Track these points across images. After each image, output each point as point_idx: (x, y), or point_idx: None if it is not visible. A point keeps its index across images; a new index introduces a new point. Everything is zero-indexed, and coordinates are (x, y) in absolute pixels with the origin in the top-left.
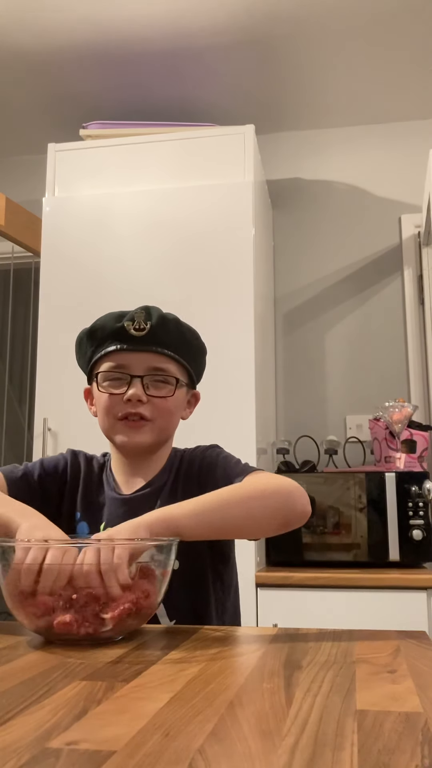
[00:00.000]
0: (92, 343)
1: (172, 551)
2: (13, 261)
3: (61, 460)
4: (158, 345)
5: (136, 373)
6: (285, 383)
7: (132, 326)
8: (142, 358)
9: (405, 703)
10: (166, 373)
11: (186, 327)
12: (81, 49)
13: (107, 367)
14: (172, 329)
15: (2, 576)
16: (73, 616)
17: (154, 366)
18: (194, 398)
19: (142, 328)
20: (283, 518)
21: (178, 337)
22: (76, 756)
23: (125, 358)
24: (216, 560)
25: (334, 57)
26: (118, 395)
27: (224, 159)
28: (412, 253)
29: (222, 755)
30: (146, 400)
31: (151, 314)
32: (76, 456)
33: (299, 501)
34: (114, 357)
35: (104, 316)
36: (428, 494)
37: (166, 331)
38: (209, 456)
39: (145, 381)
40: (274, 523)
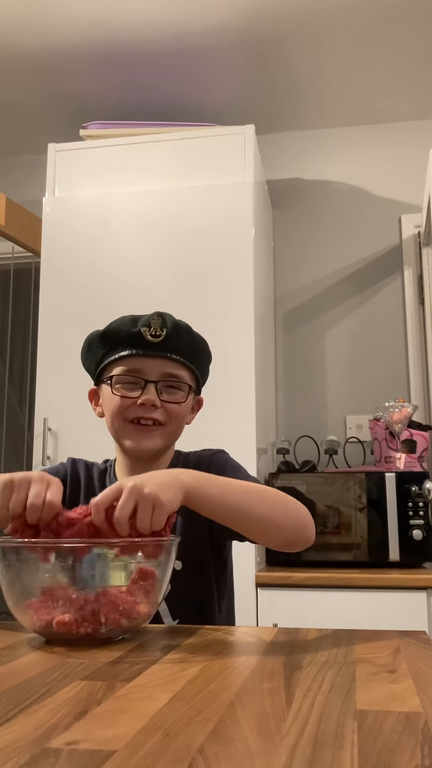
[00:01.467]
0: (104, 346)
1: (173, 551)
2: (13, 261)
3: (61, 470)
4: (173, 351)
5: (151, 378)
6: (285, 383)
7: (149, 332)
8: (157, 364)
9: (405, 703)
10: (180, 379)
11: (197, 335)
12: (81, 49)
13: (121, 371)
14: (185, 337)
15: (2, 576)
16: (72, 616)
17: (168, 372)
18: (198, 404)
19: (158, 334)
20: (292, 535)
21: (190, 345)
22: (76, 756)
23: (140, 362)
24: (217, 563)
25: (334, 57)
26: (132, 398)
27: (224, 159)
28: (412, 253)
29: (222, 755)
30: (160, 405)
31: (166, 321)
32: (76, 464)
33: (309, 527)
34: (129, 361)
35: (118, 320)
36: (428, 494)
37: (180, 339)
38: (217, 460)
39: (159, 386)
40: (284, 536)
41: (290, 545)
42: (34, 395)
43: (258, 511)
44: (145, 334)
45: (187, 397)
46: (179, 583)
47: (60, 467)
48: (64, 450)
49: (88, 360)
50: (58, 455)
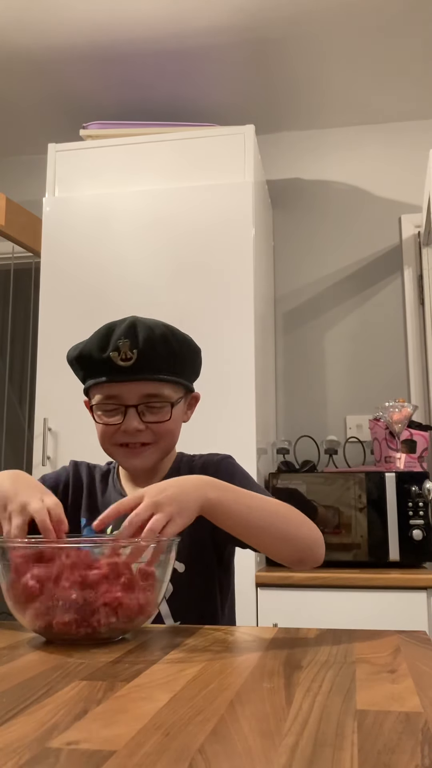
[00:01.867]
0: (82, 368)
1: (173, 550)
2: (13, 261)
3: (63, 473)
4: (149, 371)
5: (130, 402)
6: (285, 383)
7: (118, 357)
8: (134, 388)
9: (405, 703)
10: (161, 398)
11: (175, 339)
12: (81, 49)
13: (99, 399)
14: (160, 350)
15: (2, 576)
16: (72, 617)
17: (146, 393)
18: (194, 400)
19: (129, 357)
20: (303, 554)
21: (168, 356)
22: (76, 756)
23: (116, 388)
24: (220, 566)
25: (334, 57)
26: (114, 425)
27: (224, 159)
28: (412, 253)
29: (222, 755)
30: (144, 428)
31: (137, 337)
32: (78, 467)
33: (320, 546)
34: (105, 388)
35: (89, 341)
36: (428, 494)
37: (155, 354)
38: (225, 467)
39: (140, 409)
40: (295, 554)
41: (300, 563)
42: (34, 395)
43: (275, 528)
44: (115, 360)
45: (173, 411)
46: (182, 585)
47: (62, 472)
48: (64, 450)
49: (75, 375)
50: (58, 455)
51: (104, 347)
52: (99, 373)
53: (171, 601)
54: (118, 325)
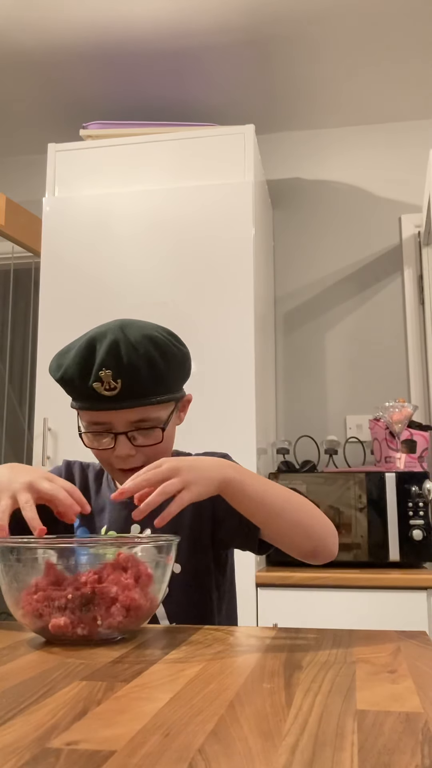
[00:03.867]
0: (66, 388)
1: (172, 550)
2: (13, 261)
3: (55, 473)
4: (135, 398)
5: (119, 429)
6: (285, 383)
7: (102, 388)
8: (121, 415)
9: (405, 703)
10: (152, 422)
11: (161, 356)
12: (81, 49)
13: (87, 423)
14: (144, 374)
15: (2, 576)
16: (67, 618)
17: (135, 420)
18: (186, 402)
19: (113, 387)
20: (316, 546)
21: (154, 379)
22: (76, 756)
23: (103, 416)
24: (218, 568)
25: (334, 57)
26: (107, 450)
27: (224, 159)
28: (412, 253)
29: (222, 755)
30: (135, 453)
31: (120, 364)
32: (71, 466)
33: (336, 540)
34: (91, 415)
35: (71, 362)
36: (428, 494)
37: (140, 379)
38: None
39: (131, 434)
40: (309, 544)
41: (314, 555)
42: (34, 395)
43: (291, 514)
44: (99, 390)
45: (164, 433)
46: (177, 586)
47: (55, 471)
48: (64, 450)
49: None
50: (58, 455)
51: (85, 376)
52: (83, 400)
53: (166, 602)
54: (98, 342)
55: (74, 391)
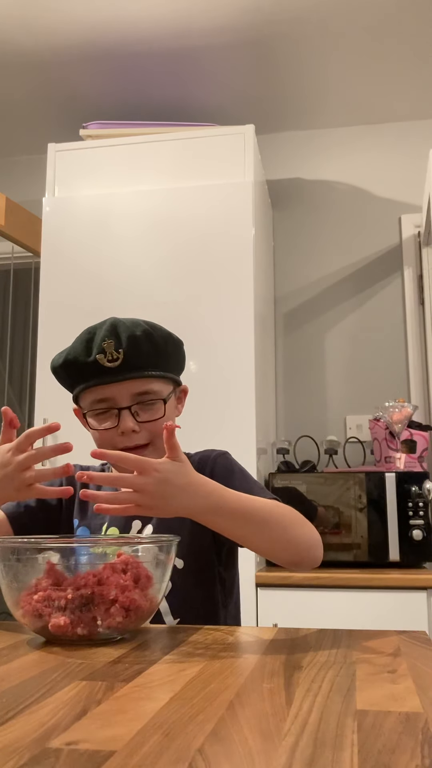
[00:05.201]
0: (69, 377)
1: (172, 550)
2: (13, 261)
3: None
4: (137, 370)
5: (122, 404)
6: (285, 383)
7: (105, 359)
8: (124, 387)
9: (405, 703)
10: (153, 395)
11: (157, 335)
12: (81, 49)
13: (90, 403)
14: (145, 347)
15: (2, 576)
16: (67, 618)
17: (138, 392)
18: (183, 393)
19: (115, 358)
20: (299, 557)
21: (153, 353)
22: (76, 756)
23: (107, 391)
24: (221, 561)
25: (334, 57)
26: (111, 429)
27: (224, 159)
28: (412, 253)
29: (222, 755)
30: (139, 429)
31: (120, 338)
32: None
33: (317, 548)
34: (95, 392)
35: (73, 347)
36: (428, 494)
37: (140, 352)
38: (222, 464)
39: (134, 409)
40: (291, 556)
41: (297, 565)
42: (34, 395)
43: (271, 531)
44: (102, 362)
45: (166, 408)
46: (181, 581)
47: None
48: None
49: (62, 384)
50: (57, 456)
51: (89, 351)
52: (87, 378)
53: (170, 597)
54: (98, 328)
55: (77, 371)
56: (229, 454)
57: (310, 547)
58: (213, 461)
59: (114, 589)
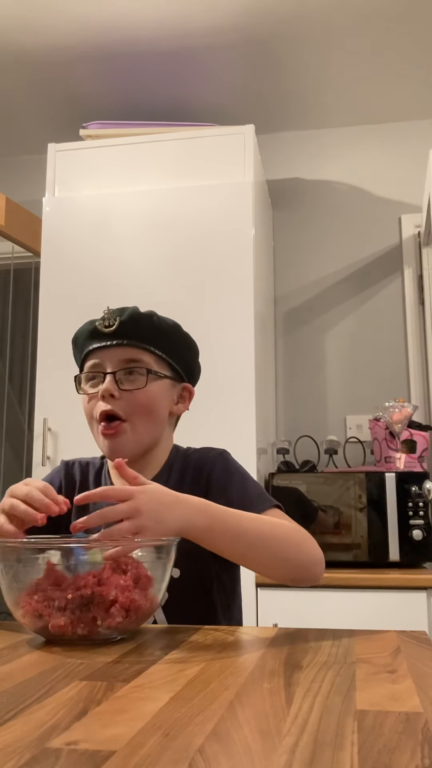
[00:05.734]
0: (76, 351)
1: (172, 552)
2: (13, 261)
3: (55, 477)
4: (128, 338)
5: (109, 369)
6: (285, 383)
7: (102, 324)
8: (114, 353)
9: (405, 703)
10: (139, 364)
11: (165, 321)
12: (81, 49)
13: (86, 369)
14: (144, 323)
15: (2, 576)
16: (67, 619)
17: (126, 358)
18: (188, 393)
19: (111, 324)
20: (296, 574)
21: (152, 330)
22: (76, 756)
23: (99, 355)
24: (220, 567)
25: (334, 57)
26: (95, 394)
27: (224, 159)
28: (412, 253)
29: (222, 755)
30: (118, 395)
31: (123, 312)
32: (70, 468)
33: (316, 564)
34: (91, 356)
35: (85, 323)
36: (428, 494)
37: (138, 325)
38: (220, 465)
39: (118, 376)
40: (288, 574)
41: (295, 582)
42: (34, 395)
43: (268, 551)
44: (100, 327)
45: (148, 383)
46: (177, 591)
47: (54, 475)
48: (64, 450)
49: (77, 365)
50: (58, 455)
51: (94, 321)
52: (86, 343)
53: (166, 608)
54: None
55: (81, 341)
56: (227, 453)
57: (309, 564)
58: (211, 462)
59: (114, 589)
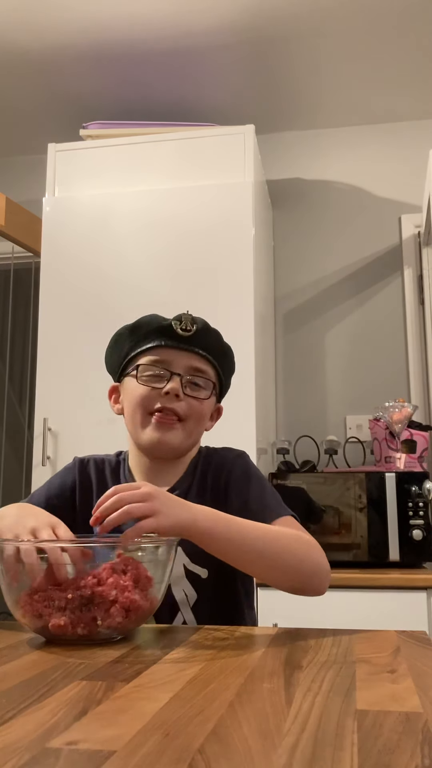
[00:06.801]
0: (133, 338)
1: (172, 551)
2: (13, 261)
3: (68, 476)
4: (201, 347)
5: (177, 370)
6: (285, 383)
7: (179, 326)
8: (185, 357)
9: (405, 703)
10: (205, 375)
11: (225, 343)
12: (81, 49)
13: (149, 361)
14: (213, 338)
15: (2, 576)
16: (67, 619)
17: (194, 366)
18: (217, 412)
19: (189, 329)
20: (300, 584)
21: (218, 347)
22: (76, 756)
23: (168, 354)
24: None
25: (334, 57)
26: (157, 389)
27: (224, 159)
28: (412, 253)
29: (222, 755)
30: (183, 397)
31: (196, 319)
32: (85, 465)
33: (324, 577)
34: (157, 352)
35: (148, 315)
36: (428, 494)
37: (209, 338)
38: (240, 466)
39: (184, 381)
40: (290, 583)
41: (298, 592)
42: (34, 395)
43: (271, 559)
44: (176, 327)
45: (210, 396)
46: (205, 591)
47: (67, 474)
48: (64, 450)
49: (114, 355)
50: (58, 455)
51: (165, 319)
52: (156, 338)
53: (195, 608)
54: None
55: (146, 333)
56: (246, 456)
57: (313, 574)
58: (231, 463)
59: (114, 589)
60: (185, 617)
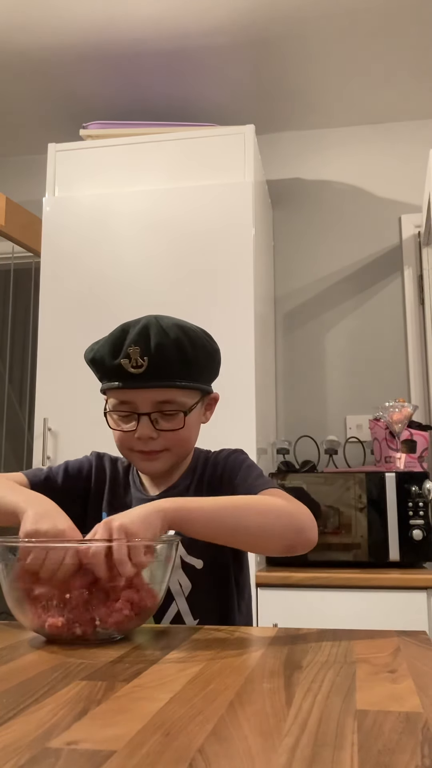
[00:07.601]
0: (96, 370)
1: (172, 552)
2: (13, 261)
3: (86, 463)
4: (160, 379)
5: (142, 410)
6: (285, 383)
7: (129, 364)
8: (146, 395)
9: (405, 703)
10: (174, 405)
11: (190, 344)
12: (81, 49)
13: (113, 404)
14: (172, 357)
15: (3, 576)
16: (64, 619)
17: (159, 400)
18: (212, 400)
19: (140, 365)
20: (290, 541)
21: (181, 362)
22: (76, 756)
23: (129, 395)
24: (234, 560)
25: (334, 57)
26: (129, 432)
27: (224, 159)
28: (412, 253)
29: (222, 755)
30: (156, 436)
31: (148, 343)
32: (101, 459)
33: (309, 530)
34: (118, 394)
35: (103, 344)
36: (428, 494)
37: (166, 361)
38: (232, 461)
39: (153, 416)
40: (281, 543)
41: (289, 551)
42: (34, 395)
43: (250, 525)
44: (126, 367)
45: (186, 419)
46: (200, 581)
47: (85, 461)
48: (64, 450)
49: (94, 373)
50: (58, 455)
51: (115, 353)
52: (111, 379)
53: (190, 597)
54: (132, 327)
55: (103, 370)
56: (242, 451)
57: (300, 530)
58: (223, 461)
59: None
60: (179, 606)
